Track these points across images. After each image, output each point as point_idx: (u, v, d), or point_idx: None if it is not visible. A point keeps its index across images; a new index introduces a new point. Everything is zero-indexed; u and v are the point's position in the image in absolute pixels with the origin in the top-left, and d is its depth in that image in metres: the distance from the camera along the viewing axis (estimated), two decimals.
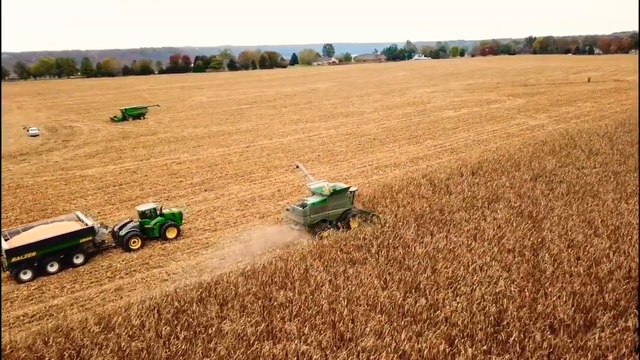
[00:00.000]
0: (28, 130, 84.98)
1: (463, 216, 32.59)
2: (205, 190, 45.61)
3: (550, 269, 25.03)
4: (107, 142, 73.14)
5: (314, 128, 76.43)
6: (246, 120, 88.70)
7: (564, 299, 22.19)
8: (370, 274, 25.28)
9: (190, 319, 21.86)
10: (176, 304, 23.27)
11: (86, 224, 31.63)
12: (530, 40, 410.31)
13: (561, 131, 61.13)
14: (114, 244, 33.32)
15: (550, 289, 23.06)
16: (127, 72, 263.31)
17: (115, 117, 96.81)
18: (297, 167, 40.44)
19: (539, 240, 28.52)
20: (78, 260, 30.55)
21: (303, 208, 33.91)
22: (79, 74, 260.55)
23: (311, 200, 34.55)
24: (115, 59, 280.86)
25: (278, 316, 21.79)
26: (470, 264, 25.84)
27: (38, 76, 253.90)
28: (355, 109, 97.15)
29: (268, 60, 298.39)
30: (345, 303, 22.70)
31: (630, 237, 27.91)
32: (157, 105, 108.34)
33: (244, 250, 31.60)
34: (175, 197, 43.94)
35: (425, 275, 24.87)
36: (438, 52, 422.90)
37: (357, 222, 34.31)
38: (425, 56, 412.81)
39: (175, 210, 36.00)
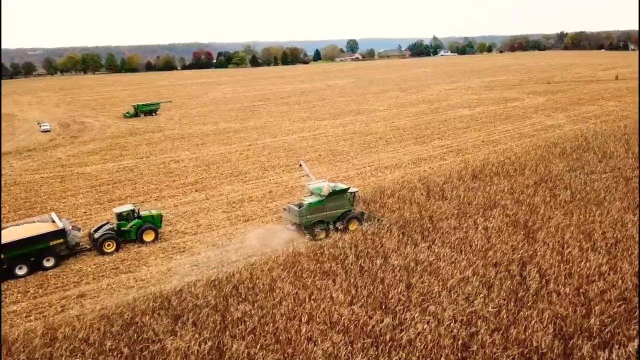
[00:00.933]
0: (40, 126, 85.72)
1: (452, 224, 30.56)
2: (196, 191, 44.51)
3: (535, 286, 22.92)
4: (113, 138, 72.99)
5: (322, 126, 74.73)
6: (256, 118, 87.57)
7: (545, 322, 20.13)
8: (339, 288, 23.60)
9: (137, 334, 20.60)
10: (128, 315, 22.07)
11: (57, 226, 30.74)
12: (561, 36, 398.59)
13: (576, 132, 57.90)
14: (89, 247, 32.38)
15: (531, 311, 20.98)
16: (150, 68, 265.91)
17: (127, 113, 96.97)
18: (301, 165, 38.95)
19: (530, 253, 26.33)
20: (49, 263, 29.70)
21: (299, 208, 32.51)
22: (104, 69, 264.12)
23: (308, 200, 33.21)
24: (139, 55, 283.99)
25: (228, 333, 20.35)
26: (449, 278, 23.91)
27: (65, 72, 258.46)
28: (368, 106, 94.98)
29: (290, 57, 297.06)
30: (306, 319, 21.11)
31: (630, 252, 25.47)
32: (169, 101, 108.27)
33: (219, 257, 30.28)
34: (165, 197, 42.97)
35: (398, 290, 23.07)
36: (465, 48, 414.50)
37: (356, 225, 32.80)
38: (451, 52, 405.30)
39: (154, 212, 34.90)
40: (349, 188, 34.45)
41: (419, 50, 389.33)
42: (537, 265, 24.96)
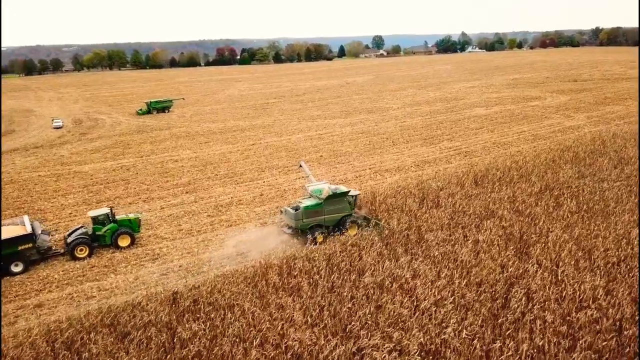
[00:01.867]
0: (53, 122, 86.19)
1: (441, 236, 28.22)
2: (187, 192, 43.18)
3: (519, 311, 20.58)
4: (120, 136, 72.57)
5: (330, 125, 72.69)
6: (267, 115, 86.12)
7: (522, 356, 17.84)
8: (303, 307, 21.70)
9: (77, 354, 19.16)
10: (73, 331, 20.67)
11: (26, 230, 29.68)
12: (596, 32, 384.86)
13: (594, 134, 54.33)
14: (62, 251, 31.25)
15: (508, 341, 18.70)
16: (174, 64, 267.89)
17: (140, 110, 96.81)
18: (301, 166, 37.30)
19: (520, 271, 23.89)
20: (17, 268, 28.70)
21: (296, 211, 30.99)
22: (129, 65, 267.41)
23: (306, 203, 31.62)
24: (165, 51, 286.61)
25: (172, 357, 18.70)
26: (424, 299, 21.75)
27: (91, 68, 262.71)
28: (382, 104, 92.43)
29: (314, 53, 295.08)
30: (258, 342, 19.32)
31: (631, 274, 22.79)
32: (182, 98, 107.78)
33: (192, 265, 28.77)
34: (154, 199, 41.76)
35: (366, 311, 21.04)
36: (494, 44, 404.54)
37: (357, 230, 31.15)
38: (480, 48, 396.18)
39: (132, 216, 33.60)
40: (349, 191, 32.62)
41: (446, 46, 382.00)
42: (525, 287, 22.55)
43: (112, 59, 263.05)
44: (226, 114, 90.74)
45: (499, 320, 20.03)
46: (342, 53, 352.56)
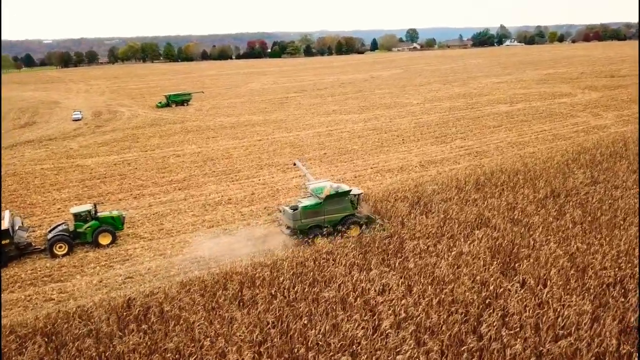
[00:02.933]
0: (72, 114, 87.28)
1: (423, 246, 26.02)
2: (179, 189, 42.17)
3: (489, 336, 18.35)
4: (133, 129, 72.57)
5: (344, 121, 70.61)
6: (282, 110, 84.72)
7: None
8: (254, 322, 20.05)
9: None
10: (11, 339, 19.67)
11: (4, 225, 29.10)
12: None
13: (617, 135, 50.39)
14: (43, 247, 30.62)
15: None
16: (205, 57, 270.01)
17: (160, 103, 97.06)
18: (295, 164, 35.69)
19: (501, 290, 21.54)
20: None
21: (294, 211, 29.53)
22: (162, 58, 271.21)
23: (304, 202, 30.15)
24: (197, 44, 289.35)
25: None
26: (386, 317, 19.77)
27: (125, 60, 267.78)
28: (403, 99, 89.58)
29: (345, 46, 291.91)
30: None
31: (626, 300, 20.11)
32: (202, 92, 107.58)
33: (160, 269, 27.56)
34: (145, 196, 40.92)
35: (321, 330, 19.22)
36: (533, 37, 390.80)
37: (359, 231, 29.54)
38: (518, 42, 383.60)
39: (115, 213, 32.66)
40: (350, 190, 30.87)
41: (482, 40, 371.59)
42: (502, 308, 20.24)
43: (145, 51, 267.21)
44: (243, 108, 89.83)
45: (461, 348, 17.87)
46: (374, 46, 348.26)
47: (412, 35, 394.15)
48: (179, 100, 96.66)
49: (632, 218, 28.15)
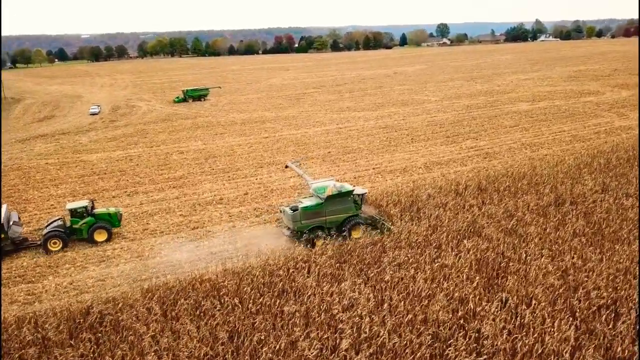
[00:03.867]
0: (90, 109, 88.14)
1: (404, 257, 24.32)
2: (174, 187, 41.44)
3: None
4: (145, 124, 72.56)
5: (356, 118, 68.86)
6: (297, 106, 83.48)
7: None
8: (202, 338, 18.83)
9: None
10: None
11: None
12: None
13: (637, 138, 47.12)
14: (39, 243, 30.30)
15: None
16: (232, 52, 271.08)
17: (177, 97, 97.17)
18: (287, 167, 34.29)
19: (479, 309, 19.74)
20: None
21: (294, 211, 28.47)
22: (190, 53, 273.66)
23: (305, 202, 29.08)
24: (224, 39, 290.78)
25: None
26: (350, 336, 18.28)
27: (154, 54, 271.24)
28: (421, 96, 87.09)
29: (372, 41, 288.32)
30: None
31: (611, 327, 18.04)
32: (219, 87, 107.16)
33: (134, 272, 26.70)
34: (139, 193, 40.33)
35: (273, 348, 17.89)
36: (570, 32, 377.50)
37: (362, 232, 28.40)
38: (554, 37, 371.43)
39: (112, 210, 32.29)
40: (353, 190, 29.52)
41: (515, 35, 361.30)
42: (477, 331, 18.48)
43: (173, 46, 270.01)
44: (258, 104, 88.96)
45: None
46: (403, 42, 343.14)
47: (442, 30, 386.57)
48: (196, 95, 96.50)
49: (638, 230, 25.75)
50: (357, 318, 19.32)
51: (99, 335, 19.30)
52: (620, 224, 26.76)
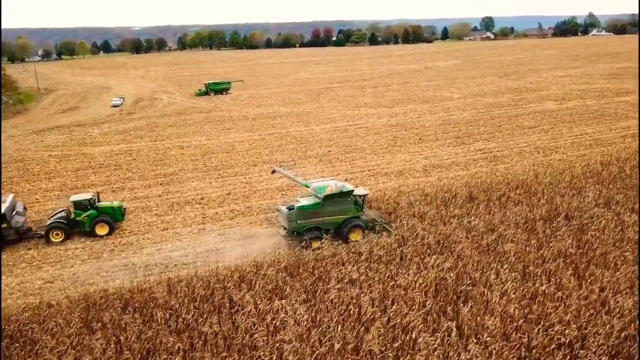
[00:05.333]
0: (111, 100, 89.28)
1: (354, 274, 22.14)
2: (161, 184, 40.57)
3: None
4: (159, 117, 72.61)
5: (369, 115, 66.41)
6: (315, 102, 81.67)
7: None
8: (112, 356, 17.49)
9: None
10: None
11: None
12: None
13: None
14: (43, 233, 30.11)
15: None
16: (269, 45, 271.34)
17: (199, 90, 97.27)
18: (274, 172, 32.17)
19: (420, 340, 17.50)
20: None
21: (289, 210, 27.22)
22: (228, 45, 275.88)
23: (302, 202, 27.75)
24: (262, 32, 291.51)
25: None
26: None
27: (193, 47, 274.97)
28: (445, 93, 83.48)
29: (412, 35, 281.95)
30: None
31: None
32: (241, 80, 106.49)
33: (85, 274, 25.76)
34: (125, 189, 39.67)
35: None
36: (625, 26, 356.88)
37: (361, 235, 26.93)
38: (607, 32, 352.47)
39: (115, 203, 32.04)
40: (352, 190, 27.84)
41: (565, 29, 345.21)
42: None
43: (212, 38, 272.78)
44: (277, 98, 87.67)
45: None
46: (445, 35, 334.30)
47: (487, 23, 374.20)
48: (218, 89, 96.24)
49: (631, 253, 22.62)
50: (280, 344, 17.48)
51: (12, 348, 18.26)
52: (614, 245, 23.65)
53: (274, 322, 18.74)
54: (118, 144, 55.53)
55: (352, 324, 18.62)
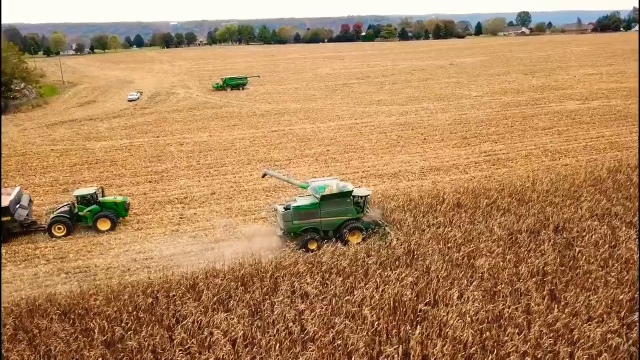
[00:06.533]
0: (128, 95, 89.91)
1: (311, 289, 20.68)
2: (150, 182, 39.98)
3: None
4: (170, 112, 72.48)
5: (378, 113, 64.45)
6: (328, 98, 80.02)
7: None
8: None
9: None
10: None
11: (4, 203, 28.96)
12: None
13: None
14: (46, 227, 30.14)
15: None
16: (297, 40, 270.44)
17: (216, 84, 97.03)
18: (265, 175, 30.66)
19: None
20: None
21: (286, 210, 26.43)
22: (257, 40, 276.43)
23: (299, 201, 26.95)
24: (293, 27, 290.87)
25: None
26: None
27: (222, 42, 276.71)
28: (463, 91, 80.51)
29: (443, 30, 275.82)
30: None
31: None
32: (258, 76, 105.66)
33: (41, 278, 25.15)
34: (113, 186, 39.09)
35: None
36: None
37: (360, 237, 25.88)
38: None
39: (119, 198, 31.85)
40: (351, 191, 26.67)
41: (605, 24, 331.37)
42: None
43: (241, 33, 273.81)
44: (292, 94, 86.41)
45: None
46: (479, 31, 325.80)
47: (523, 18, 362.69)
48: (234, 84, 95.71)
49: (616, 274, 20.39)
50: None
51: None
52: (600, 264, 21.44)
53: (208, 338, 17.60)
54: (121, 139, 55.44)
55: (290, 344, 17.26)
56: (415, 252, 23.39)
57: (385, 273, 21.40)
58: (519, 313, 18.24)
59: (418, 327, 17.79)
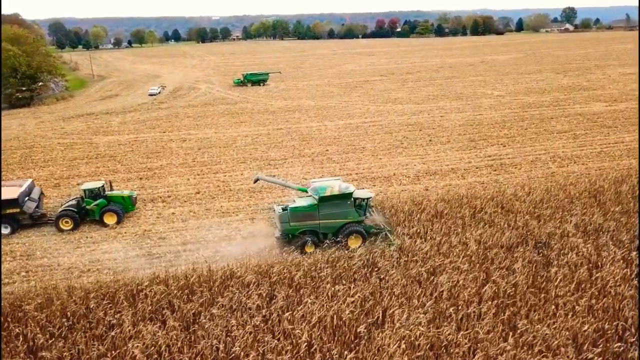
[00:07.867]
0: (149, 89, 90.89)
1: (251, 303, 19.58)
2: (141, 179, 39.74)
3: None
4: (186, 107, 72.69)
5: (391, 112, 62.52)
6: (346, 96, 78.53)
7: None
8: None
9: None
10: None
11: (15, 194, 29.52)
12: None
13: None
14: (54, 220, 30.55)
15: None
16: (331, 35, 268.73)
17: (237, 80, 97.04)
18: (257, 180, 29.42)
19: None
20: (5, 230, 29.29)
21: (283, 211, 25.85)
22: (291, 35, 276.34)
23: (297, 203, 26.22)
24: (328, 22, 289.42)
25: None
26: None
27: (257, 37, 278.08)
28: (485, 90, 77.41)
29: (481, 26, 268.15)
30: None
31: None
32: (279, 72, 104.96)
33: (8, 273, 25.00)
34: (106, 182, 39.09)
35: None
36: None
37: (361, 241, 24.91)
38: None
39: (126, 192, 32.11)
40: (351, 193, 25.63)
41: None
42: None
43: (275, 28, 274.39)
44: (310, 91, 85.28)
45: None
46: (520, 27, 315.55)
47: (568, 14, 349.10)
48: (255, 80, 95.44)
49: (589, 300, 18.34)
50: None
51: None
52: (573, 288, 19.39)
53: (129, 352, 16.74)
54: (128, 134, 55.71)
55: None
56: (377, 265, 21.90)
57: (336, 287, 20.02)
58: (465, 341, 16.59)
59: (352, 351, 16.43)
